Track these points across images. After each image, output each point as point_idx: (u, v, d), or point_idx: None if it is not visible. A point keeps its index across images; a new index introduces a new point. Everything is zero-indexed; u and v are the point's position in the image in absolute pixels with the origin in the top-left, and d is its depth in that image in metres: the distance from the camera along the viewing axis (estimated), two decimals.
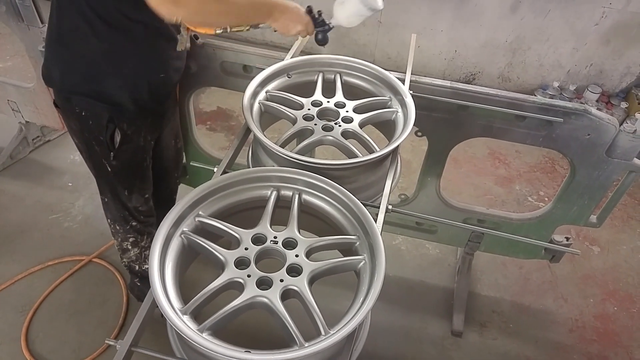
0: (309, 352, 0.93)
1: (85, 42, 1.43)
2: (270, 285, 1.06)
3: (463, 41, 3.39)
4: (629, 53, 3.21)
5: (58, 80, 1.52)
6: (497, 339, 2.24)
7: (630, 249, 2.69)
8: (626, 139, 1.72)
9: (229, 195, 1.26)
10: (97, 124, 1.55)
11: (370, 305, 1.00)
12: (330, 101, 1.53)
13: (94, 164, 1.71)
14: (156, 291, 1.00)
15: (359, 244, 1.17)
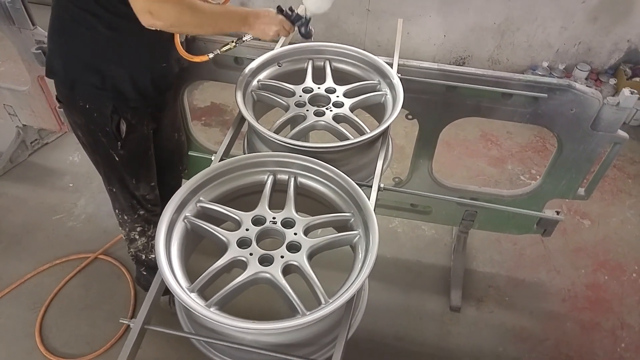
0: (311, 319, 1.00)
1: (88, 30, 1.46)
2: (272, 261, 1.13)
3: (451, 26, 3.43)
4: (616, 29, 3.26)
5: (61, 70, 1.55)
6: (494, 312, 2.31)
7: (620, 220, 2.77)
8: (610, 112, 1.77)
9: (228, 181, 1.32)
10: (101, 115, 1.59)
11: (367, 273, 1.07)
12: (320, 87, 1.59)
13: (100, 156, 1.74)
14: (164, 271, 1.06)
15: (354, 220, 1.24)
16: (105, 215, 2.66)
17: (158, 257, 1.09)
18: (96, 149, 1.72)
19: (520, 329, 2.25)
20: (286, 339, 1.09)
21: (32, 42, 2.20)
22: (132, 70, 1.55)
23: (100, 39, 1.47)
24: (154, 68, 1.60)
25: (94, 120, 1.61)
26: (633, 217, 2.79)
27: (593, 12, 3.20)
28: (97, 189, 2.80)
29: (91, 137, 1.68)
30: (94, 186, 2.82)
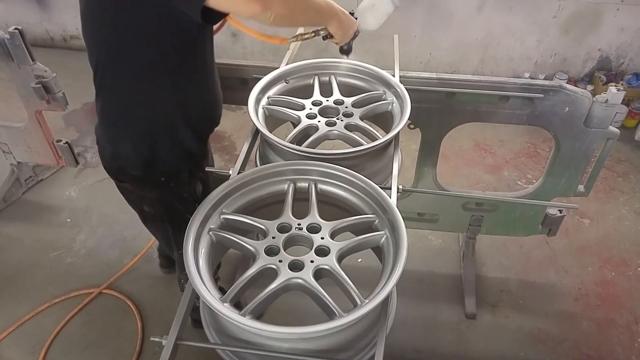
0: (350, 319, 0.99)
1: (153, 103, 1.42)
2: (302, 267, 1.12)
3: (436, 44, 3.54)
4: (588, 40, 3.41)
5: (132, 153, 1.48)
6: (509, 317, 2.31)
7: (617, 217, 2.82)
8: (600, 109, 1.84)
9: (249, 192, 1.32)
10: (179, 183, 1.56)
11: (399, 272, 1.07)
12: (329, 100, 1.61)
13: (172, 223, 1.65)
14: (196, 284, 1.05)
15: (378, 221, 1.24)
16: (108, 248, 2.63)
17: (188, 270, 1.07)
18: (168, 219, 1.64)
19: (538, 331, 2.25)
20: (324, 345, 1.07)
21: (31, 78, 2.22)
22: (196, 126, 1.53)
23: (167, 109, 1.44)
24: (213, 114, 1.60)
25: (170, 190, 1.56)
26: (628, 213, 2.85)
27: (565, 25, 3.35)
28: (98, 223, 2.76)
29: (163, 207, 1.61)
30: (94, 220, 2.79)
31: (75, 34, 4.17)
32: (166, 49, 1.33)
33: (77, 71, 2.26)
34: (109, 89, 1.42)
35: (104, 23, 1.30)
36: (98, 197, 2.94)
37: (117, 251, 2.62)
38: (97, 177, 3.08)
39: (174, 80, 1.40)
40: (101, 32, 1.33)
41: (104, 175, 2.98)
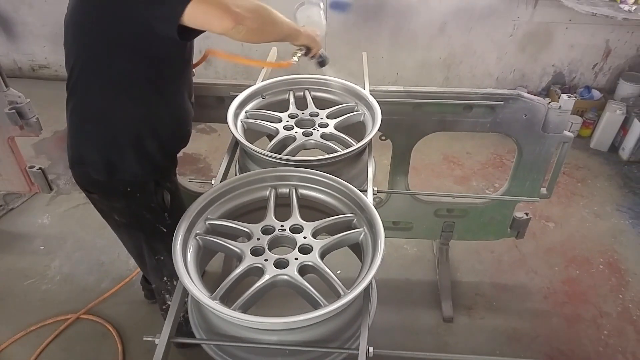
0: (336, 306, 1.04)
1: (122, 112, 1.46)
2: (287, 265, 1.18)
3: (402, 64, 3.70)
4: (542, 56, 3.64)
5: (97, 159, 1.51)
6: (485, 318, 2.40)
7: (578, 220, 2.98)
8: (555, 114, 1.98)
9: (232, 199, 1.37)
10: (145, 192, 1.58)
11: (378, 262, 1.14)
12: (304, 113, 1.70)
13: (144, 232, 1.68)
14: (185, 283, 1.09)
15: (356, 220, 1.32)
16: (85, 273, 2.61)
17: (178, 271, 1.11)
18: (139, 227, 1.67)
19: (512, 330, 2.34)
20: (312, 335, 1.12)
21: (4, 104, 2.22)
22: (163, 139, 1.56)
23: (134, 119, 1.48)
24: (183, 131, 1.63)
25: (137, 200, 1.58)
26: (588, 215, 3.01)
27: (520, 43, 3.58)
28: (73, 248, 2.74)
29: (133, 217, 1.63)
30: (69, 246, 2.76)
31: (44, 64, 4.18)
32: (140, 60, 1.39)
33: (46, 100, 2.27)
34: (80, 94, 1.47)
35: (84, 30, 1.37)
36: (72, 224, 2.92)
37: (94, 276, 2.60)
38: (71, 203, 3.06)
39: (144, 92, 1.45)
40: (80, 38, 1.39)
41: (77, 202, 3.05)
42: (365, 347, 1.06)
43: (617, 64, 3.59)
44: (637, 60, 3.55)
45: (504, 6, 3.38)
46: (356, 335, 1.21)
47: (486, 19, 3.45)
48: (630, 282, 2.60)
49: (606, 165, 3.38)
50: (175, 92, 1.55)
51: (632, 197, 3.15)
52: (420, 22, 3.52)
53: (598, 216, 2.99)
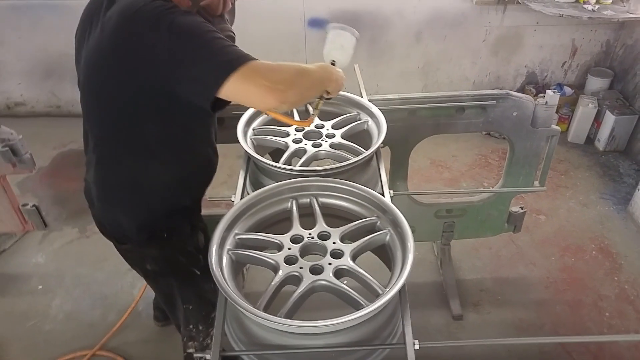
0: (379, 304, 1.09)
1: (154, 177, 1.44)
2: (322, 270, 1.21)
3: (382, 74, 3.80)
4: (514, 59, 3.80)
5: (134, 226, 1.49)
6: (492, 312, 2.46)
7: (567, 210, 3.10)
8: (542, 110, 2.08)
9: (256, 213, 1.40)
10: (180, 237, 1.56)
11: (411, 257, 1.19)
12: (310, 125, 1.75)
13: (177, 278, 1.65)
14: (232, 295, 1.11)
15: (380, 222, 1.36)
16: (88, 308, 2.56)
17: (220, 286, 1.13)
18: (172, 273, 1.64)
19: (519, 321, 2.41)
20: (355, 336, 1.16)
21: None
22: (194, 191, 1.58)
23: (167, 182, 1.47)
24: (210, 176, 1.64)
25: (173, 245, 1.56)
26: (575, 205, 3.14)
27: (493, 47, 3.74)
28: (72, 285, 2.69)
29: (166, 263, 1.60)
30: (68, 282, 2.71)
31: (20, 101, 4.12)
32: (171, 126, 1.37)
33: (25, 138, 2.25)
34: (109, 163, 1.44)
35: (111, 100, 1.32)
36: (68, 260, 2.87)
37: (99, 310, 2.55)
38: (64, 239, 3.01)
39: (175, 154, 1.44)
40: (106, 108, 1.34)
41: (70, 237, 3.01)
42: (411, 341, 1.10)
43: (584, 60, 3.78)
44: (602, 56, 3.75)
45: (475, 13, 3.53)
46: (394, 332, 1.25)
47: (459, 26, 3.59)
48: (623, 264, 2.72)
49: (584, 157, 3.54)
50: (205, 148, 1.55)
51: (612, 184, 3.30)
52: (396, 33, 3.64)
53: (584, 205, 3.12)
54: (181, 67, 1.17)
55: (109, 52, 1.25)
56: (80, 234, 3.04)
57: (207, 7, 1.33)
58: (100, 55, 1.28)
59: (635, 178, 3.27)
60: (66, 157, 3.75)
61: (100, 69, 1.29)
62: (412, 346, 1.10)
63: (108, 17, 1.26)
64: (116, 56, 1.24)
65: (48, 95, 4.08)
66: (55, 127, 4.03)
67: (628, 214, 3.03)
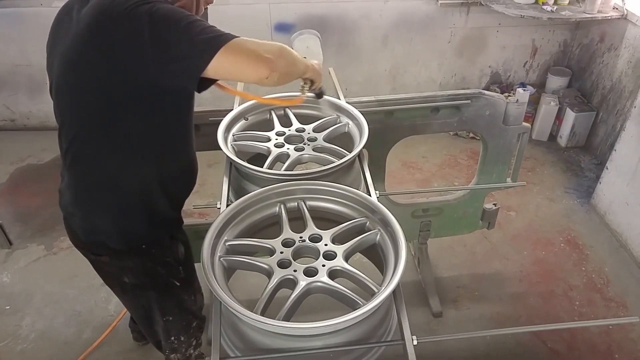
0: (376, 302, 1.09)
1: (133, 175, 1.40)
2: (316, 272, 1.21)
3: (350, 78, 3.84)
4: (479, 59, 3.92)
5: (113, 229, 1.45)
6: (470, 308, 2.52)
7: (535, 205, 3.21)
8: (513, 108, 2.16)
9: (244, 219, 1.39)
10: (160, 248, 1.52)
11: (404, 257, 1.20)
12: (290, 129, 1.75)
13: (156, 290, 1.60)
14: (229, 302, 1.10)
15: (369, 222, 1.38)
16: (62, 326, 2.47)
17: (217, 294, 1.12)
18: (151, 286, 1.59)
19: (497, 314, 2.48)
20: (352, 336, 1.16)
21: None
22: (175, 194, 1.54)
23: (147, 180, 1.43)
24: (191, 180, 1.61)
25: (152, 256, 1.52)
26: (543, 200, 3.26)
27: (458, 48, 3.84)
28: (42, 303, 2.59)
29: (146, 275, 1.55)
30: (37, 301, 2.61)
31: None
32: (151, 120, 1.34)
33: None
34: (86, 162, 1.38)
35: (88, 98, 1.28)
36: (36, 278, 2.76)
37: (73, 328, 2.46)
38: (29, 257, 2.90)
39: (154, 151, 1.40)
40: (84, 105, 1.29)
41: (37, 255, 2.90)
42: (410, 337, 1.12)
43: (544, 60, 3.93)
44: (560, 56, 3.92)
45: (440, 15, 3.62)
46: (388, 330, 1.26)
47: (425, 29, 3.68)
48: (589, 254, 2.84)
49: (548, 154, 3.68)
50: (185, 144, 1.52)
51: (575, 179, 3.44)
52: (363, 36, 3.69)
53: (551, 200, 3.25)
54: (167, 50, 1.16)
55: (87, 47, 1.21)
56: (46, 251, 2.93)
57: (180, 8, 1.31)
58: (79, 53, 1.23)
59: (596, 172, 3.42)
60: (25, 172, 3.62)
61: (77, 66, 1.25)
62: (410, 342, 1.11)
63: (83, 13, 1.23)
64: (95, 50, 1.20)
65: (1, 109, 3.92)
66: (11, 141, 3.90)
67: (591, 207, 3.17)
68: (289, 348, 1.13)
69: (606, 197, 3.03)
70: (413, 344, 1.13)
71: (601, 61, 3.55)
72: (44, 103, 3.78)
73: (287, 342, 1.13)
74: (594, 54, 3.62)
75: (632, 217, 2.80)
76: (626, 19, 3.24)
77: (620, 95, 3.34)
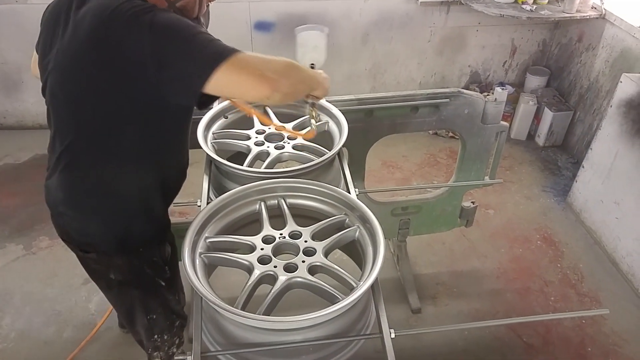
0: (355, 296, 1.12)
1: (130, 182, 1.39)
2: (296, 268, 1.24)
3: (331, 77, 3.83)
4: (458, 58, 3.97)
5: (109, 235, 1.45)
6: (449, 304, 2.56)
7: (513, 204, 3.28)
8: (492, 106, 2.20)
9: (225, 217, 1.41)
10: (149, 248, 1.52)
11: (382, 251, 1.23)
12: (270, 127, 1.76)
13: (142, 290, 1.60)
14: (209, 297, 1.11)
15: (349, 219, 1.40)
16: (42, 325, 2.44)
17: (198, 290, 1.13)
18: (137, 284, 1.58)
19: (475, 311, 2.53)
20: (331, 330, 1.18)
21: None
22: (168, 197, 1.54)
23: (144, 186, 1.43)
24: (181, 183, 1.61)
25: (140, 256, 1.52)
26: (521, 198, 3.32)
27: (438, 48, 3.89)
28: (22, 303, 2.56)
29: (132, 274, 1.54)
30: (16, 301, 2.57)
31: None
32: (150, 129, 1.33)
33: None
34: (82, 169, 1.36)
35: (85, 109, 1.27)
36: (14, 278, 2.71)
37: (53, 327, 2.44)
38: (8, 257, 2.85)
39: (153, 158, 1.40)
40: (84, 115, 1.28)
41: (15, 255, 2.87)
42: (388, 330, 1.14)
43: (523, 59, 4.00)
44: (539, 55, 3.99)
45: (420, 14, 3.66)
46: (367, 324, 1.29)
47: (405, 27, 3.71)
48: (564, 252, 2.91)
49: (526, 153, 3.75)
50: (181, 150, 1.52)
51: (552, 177, 3.52)
52: (343, 35, 3.71)
53: (528, 198, 3.31)
54: (167, 66, 1.13)
55: (87, 60, 1.19)
56: (25, 250, 2.89)
57: (182, 8, 1.31)
58: (76, 62, 1.22)
59: (572, 171, 3.50)
60: (2, 173, 3.55)
61: (76, 76, 1.23)
62: (389, 335, 1.14)
63: (81, 16, 1.20)
64: (95, 64, 1.18)
65: None
66: None
67: (567, 205, 3.24)
68: (269, 342, 1.15)
69: (582, 195, 3.11)
70: (391, 337, 1.15)
71: (579, 60, 3.63)
72: (20, 101, 3.71)
73: (268, 336, 1.14)
74: (572, 54, 3.71)
75: (606, 214, 2.88)
76: (604, 18, 3.31)
77: (597, 94, 3.42)
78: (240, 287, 1.19)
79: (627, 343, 2.39)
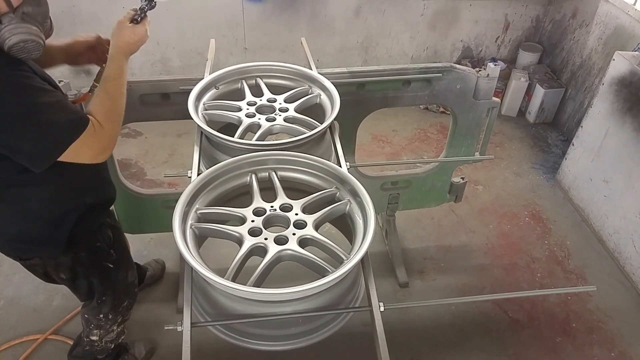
0: (345, 269, 1.12)
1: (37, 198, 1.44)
2: (287, 240, 1.23)
3: (322, 50, 3.81)
4: (451, 33, 3.93)
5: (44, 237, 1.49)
6: (436, 279, 2.60)
7: (502, 180, 3.30)
8: (484, 82, 2.18)
9: (216, 188, 1.40)
10: (91, 235, 1.58)
11: (373, 225, 1.23)
12: (262, 100, 1.73)
13: (94, 276, 1.67)
14: (198, 269, 1.10)
15: (339, 193, 1.40)
16: (31, 293, 2.46)
17: (188, 262, 1.12)
18: (87, 274, 1.65)
19: (462, 285, 2.56)
20: (321, 302, 1.19)
21: None
22: (86, 185, 1.55)
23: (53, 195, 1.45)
24: (98, 172, 1.61)
25: (82, 247, 1.57)
26: (510, 175, 3.35)
27: (431, 22, 3.84)
28: (11, 271, 2.55)
29: (81, 265, 1.61)
30: (5, 269, 2.57)
31: None
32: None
33: None
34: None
35: None
36: None
37: (42, 295, 2.44)
38: None
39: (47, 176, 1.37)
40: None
41: None
42: (377, 303, 1.15)
43: (516, 35, 3.98)
44: (532, 31, 3.97)
45: None
46: (356, 297, 1.30)
47: (398, 0, 3.65)
48: (552, 229, 2.95)
49: (517, 129, 3.76)
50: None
51: (542, 154, 3.54)
52: (336, 7, 3.64)
53: (518, 175, 3.34)
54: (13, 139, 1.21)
55: None
56: None
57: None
58: None
59: (562, 148, 3.52)
60: None
61: None
62: (378, 308, 1.15)
63: None
64: None
65: None
66: None
67: (556, 182, 3.27)
68: (259, 313, 1.15)
69: (571, 172, 3.14)
70: (380, 310, 1.16)
71: (572, 37, 3.61)
72: None
73: (257, 307, 1.15)
74: (565, 30, 3.68)
75: (595, 192, 2.91)
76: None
77: (589, 72, 3.42)
78: (230, 260, 1.18)
79: (611, 319, 2.45)
